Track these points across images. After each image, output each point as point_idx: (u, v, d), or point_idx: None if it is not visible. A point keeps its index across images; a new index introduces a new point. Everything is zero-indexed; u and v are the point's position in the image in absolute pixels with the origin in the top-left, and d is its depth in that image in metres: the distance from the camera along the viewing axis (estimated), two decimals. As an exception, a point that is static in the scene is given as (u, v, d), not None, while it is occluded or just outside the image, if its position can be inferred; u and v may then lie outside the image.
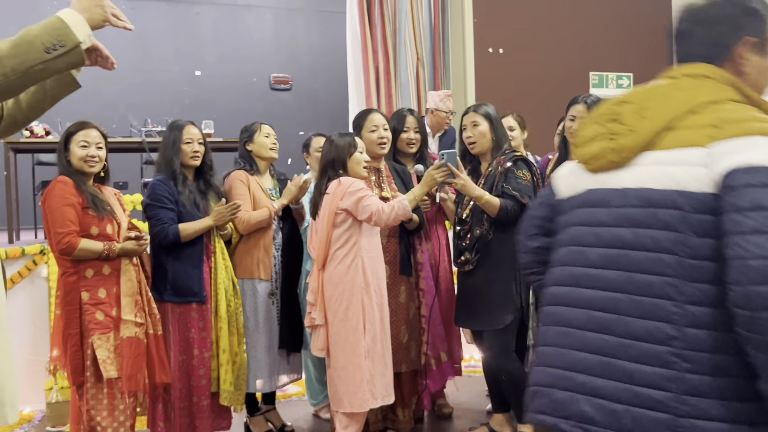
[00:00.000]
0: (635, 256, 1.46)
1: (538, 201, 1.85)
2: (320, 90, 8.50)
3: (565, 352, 1.56)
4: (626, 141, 1.53)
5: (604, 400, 1.46)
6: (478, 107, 3.72)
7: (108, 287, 3.22)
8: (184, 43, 8.23)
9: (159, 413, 3.50)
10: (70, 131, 3.30)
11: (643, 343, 1.42)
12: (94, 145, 3.28)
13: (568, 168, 1.73)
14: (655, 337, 1.40)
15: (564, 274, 1.62)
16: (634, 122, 1.54)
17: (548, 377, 1.58)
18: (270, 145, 3.90)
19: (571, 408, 1.51)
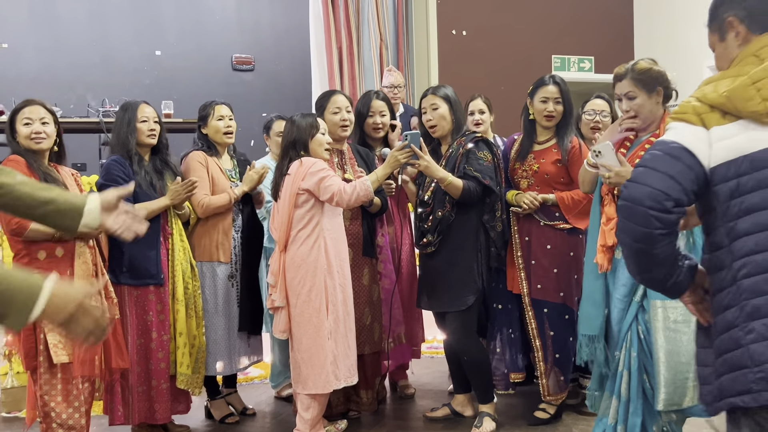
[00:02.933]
0: None
1: (672, 172, 1.61)
2: (283, 71, 8.42)
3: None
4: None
5: None
6: (436, 89, 3.71)
7: (61, 269, 3.15)
8: (144, 22, 8.07)
9: (117, 398, 3.46)
10: (14, 110, 3.23)
11: None
12: (38, 121, 3.19)
13: (723, 131, 1.62)
14: None
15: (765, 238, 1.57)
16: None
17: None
18: (224, 129, 3.83)
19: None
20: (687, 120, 1.65)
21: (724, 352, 1.60)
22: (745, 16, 1.73)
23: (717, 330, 1.64)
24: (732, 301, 1.60)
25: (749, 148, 1.60)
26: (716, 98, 1.63)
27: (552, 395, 3.68)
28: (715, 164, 1.62)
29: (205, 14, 8.34)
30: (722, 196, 1.62)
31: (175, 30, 8.19)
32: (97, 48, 7.80)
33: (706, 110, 1.64)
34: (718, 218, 1.64)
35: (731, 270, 1.61)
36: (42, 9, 7.67)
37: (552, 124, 3.65)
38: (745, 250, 1.59)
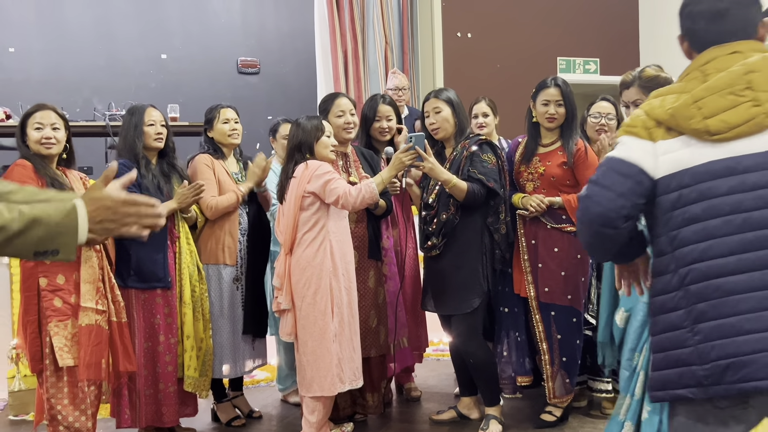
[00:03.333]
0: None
1: (622, 190, 1.74)
2: (288, 74, 8.43)
3: (761, 315, 1.62)
4: (764, 108, 1.66)
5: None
6: (439, 93, 3.71)
7: (67, 273, 3.16)
8: (150, 26, 8.09)
9: (125, 401, 3.47)
10: (26, 114, 3.24)
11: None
12: (49, 127, 3.21)
13: (666, 146, 1.73)
14: None
15: (728, 244, 1.66)
16: (762, 93, 1.67)
17: (746, 345, 1.62)
18: (229, 132, 3.84)
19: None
20: (636, 134, 1.77)
21: (667, 350, 1.75)
22: (686, 33, 1.86)
23: (658, 329, 1.78)
24: (678, 305, 1.72)
25: (691, 162, 1.70)
26: (661, 114, 1.75)
27: (558, 398, 3.67)
28: (659, 176, 1.74)
29: (210, 18, 8.37)
30: (665, 206, 1.74)
31: (181, 33, 8.22)
32: (103, 52, 7.83)
33: (652, 125, 1.76)
34: (660, 226, 1.76)
35: (677, 275, 1.72)
36: (48, 13, 7.70)
37: (554, 126, 3.65)
38: (690, 259, 1.70)
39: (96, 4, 7.87)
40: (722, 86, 1.71)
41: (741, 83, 1.69)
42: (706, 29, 1.81)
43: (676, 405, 1.78)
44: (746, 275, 1.64)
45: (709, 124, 1.68)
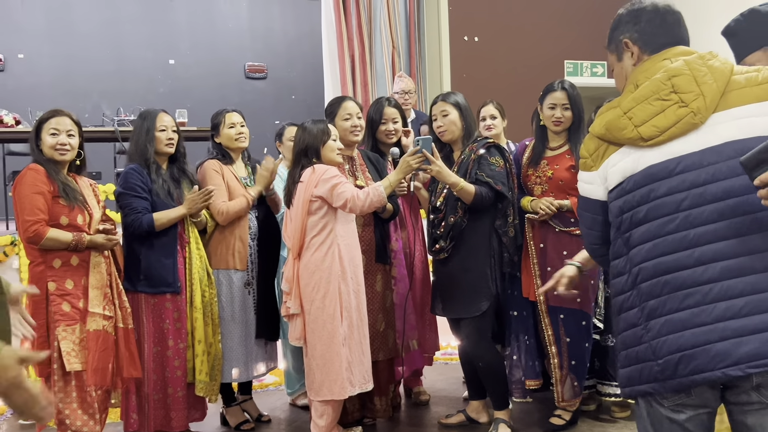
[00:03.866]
0: (753, 198, 1.65)
1: (591, 222, 1.98)
2: (296, 78, 8.45)
3: (705, 308, 1.69)
4: (699, 104, 1.73)
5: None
6: (447, 96, 3.72)
7: (76, 278, 3.18)
8: (158, 31, 8.13)
9: (132, 405, 3.48)
10: (42, 119, 3.25)
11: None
12: (64, 133, 3.23)
13: (612, 160, 1.85)
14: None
15: (671, 242, 1.74)
16: (697, 88, 1.74)
17: (694, 338, 1.69)
18: (236, 136, 3.85)
19: (737, 353, 1.65)
20: (585, 167, 1.94)
21: (628, 347, 1.83)
22: (638, 37, 1.90)
23: (620, 327, 1.87)
24: (633, 303, 1.81)
25: (633, 170, 1.81)
26: (599, 131, 1.87)
27: (567, 401, 3.66)
28: (610, 188, 1.88)
29: (218, 23, 8.40)
30: (614, 212, 1.87)
31: (189, 39, 8.25)
32: (111, 57, 7.87)
33: (594, 146, 1.90)
34: (614, 231, 1.89)
35: (630, 275, 1.82)
36: (57, 20, 7.75)
37: (561, 130, 3.64)
38: (639, 258, 1.79)
39: (104, 11, 7.92)
40: (648, 94, 1.79)
41: (665, 88, 1.77)
42: (671, 32, 1.90)
43: (638, 400, 1.88)
44: (690, 271, 1.71)
45: (642, 131, 1.78)
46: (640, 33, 1.89)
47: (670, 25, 1.88)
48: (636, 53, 1.90)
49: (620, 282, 1.85)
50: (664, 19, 1.88)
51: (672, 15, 1.89)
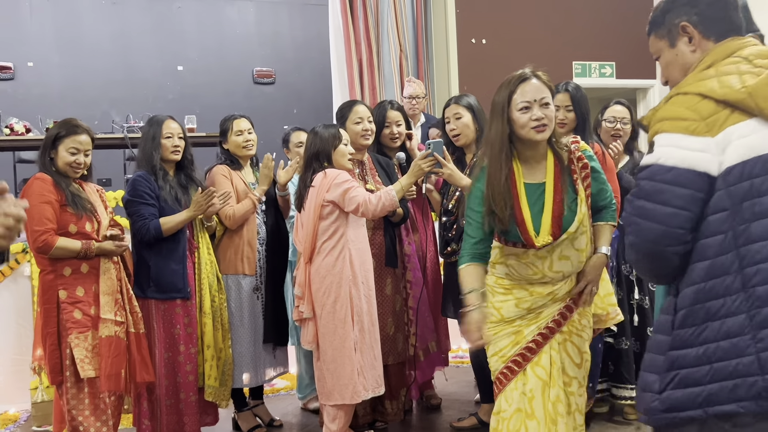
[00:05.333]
0: None
1: (688, 200, 1.58)
2: (304, 83, 8.46)
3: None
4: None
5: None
6: (459, 99, 3.71)
7: (86, 285, 3.19)
8: (166, 38, 8.16)
9: (144, 411, 3.48)
10: (59, 134, 3.23)
11: None
12: (82, 153, 3.25)
13: (738, 129, 1.56)
14: None
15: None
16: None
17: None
18: (243, 143, 3.86)
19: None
20: (684, 130, 1.59)
21: (718, 360, 1.57)
22: (699, 21, 1.73)
23: (707, 337, 1.59)
24: (738, 309, 1.56)
25: (764, 149, 1.56)
26: (733, 94, 1.57)
27: (579, 403, 3.64)
28: (727, 166, 1.57)
29: (225, 29, 8.42)
30: (735, 196, 1.56)
31: (197, 45, 8.27)
32: (120, 65, 7.90)
33: (711, 110, 1.58)
34: (722, 220, 1.57)
35: (741, 276, 1.56)
36: (66, 27, 7.78)
37: (564, 132, 3.63)
38: (759, 257, 1.55)
39: (113, 18, 7.95)
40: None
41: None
42: (727, 17, 1.73)
43: (690, 427, 1.62)
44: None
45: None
46: (701, 17, 1.72)
47: (733, 9, 1.73)
48: (697, 39, 1.73)
49: (720, 283, 1.58)
50: (727, 2, 1.73)
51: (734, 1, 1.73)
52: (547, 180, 2.53)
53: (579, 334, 2.61)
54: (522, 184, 2.51)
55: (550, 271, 2.53)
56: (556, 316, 2.58)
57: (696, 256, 1.60)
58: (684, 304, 1.62)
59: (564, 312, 2.60)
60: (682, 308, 1.62)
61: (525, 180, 2.52)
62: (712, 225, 1.58)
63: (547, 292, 2.55)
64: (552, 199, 2.50)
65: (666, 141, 1.59)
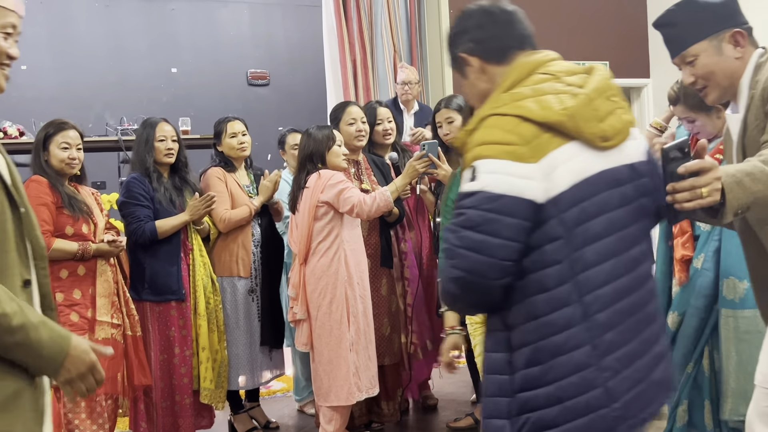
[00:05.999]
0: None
1: (514, 230, 1.47)
2: (298, 84, 8.45)
3: (649, 333, 1.57)
4: (630, 116, 1.60)
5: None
6: (449, 102, 3.70)
7: (83, 288, 3.19)
8: (160, 40, 8.14)
9: (141, 413, 3.48)
10: (48, 132, 3.25)
11: None
12: (74, 147, 3.25)
13: (561, 154, 1.50)
14: None
15: (627, 260, 1.54)
16: (622, 101, 1.61)
17: (646, 368, 1.55)
18: (237, 146, 3.86)
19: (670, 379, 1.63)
20: (503, 155, 1.47)
21: (568, 398, 1.49)
22: (475, 47, 1.66)
23: (552, 376, 1.50)
24: (582, 341, 1.49)
25: (586, 171, 1.51)
26: (554, 116, 1.50)
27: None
28: (556, 193, 1.49)
29: (219, 30, 8.41)
30: (568, 224, 1.49)
31: (191, 47, 8.26)
32: (114, 67, 7.88)
33: (533, 133, 1.49)
34: (555, 248, 1.49)
35: (581, 305, 1.49)
36: (59, 30, 7.76)
37: None
38: (596, 283, 1.50)
39: (106, 21, 7.93)
40: (602, 89, 1.57)
41: (610, 89, 1.59)
42: (502, 35, 1.66)
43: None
44: (637, 294, 1.55)
45: (604, 128, 1.53)
46: (475, 43, 1.65)
47: (506, 24, 1.67)
48: (478, 65, 1.66)
49: (563, 315, 1.49)
50: (496, 20, 1.67)
51: (504, 14, 1.67)
52: None
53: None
54: None
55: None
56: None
57: (536, 288, 1.50)
58: (528, 340, 1.52)
59: None
60: (526, 344, 1.53)
61: None
62: (548, 254, 1.50)
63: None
64: None
65: (491, 167, 1.47)
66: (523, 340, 1.52)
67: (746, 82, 1.90)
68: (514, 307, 1.53)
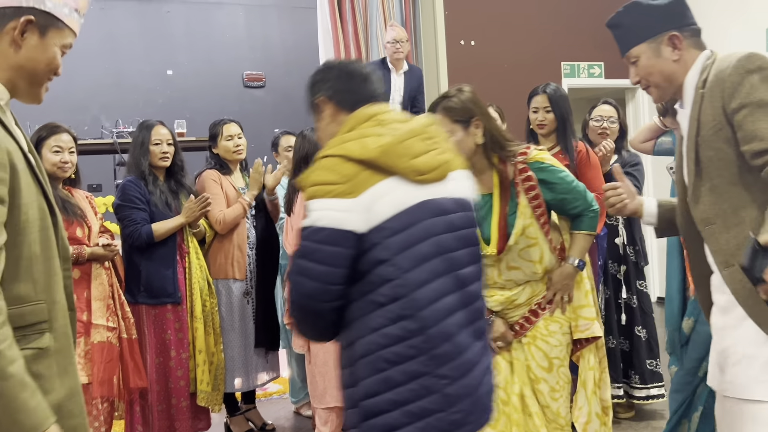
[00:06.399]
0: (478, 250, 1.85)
1: (339, 258, 1.67)
2: (294, 86, 8.44)
3: (472, 348, 1.75)
4: (447, 156, 1.80)
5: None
6: None
7: (78, 291, 3.18)
8: (155, 43, 8.14)
9: (137, 416, 3.48)
10: (41, 136, 3.24)
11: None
12: (66, 151, 3.24)
13: (380, 189, 1.69)
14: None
15: (451, 281, 1.73)
16: (444, 143, 1.82)
17: (478, 377, 1.76)
18: (233, 148, 3.87)
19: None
20: (326, 194, 1.67)
21: (408, 402, 1.66)
22: (332, 95, 1.88)
23: (398, 382, 1.66)
24: (420, 350, 1.66)
25: (406, 202, 1.70)
26: (369, 154, 1.69)
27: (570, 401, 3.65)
28: (379, 222, 1.68)
29: (215, 32, 8.41)
30: (393, 249, 1.67)
31: (186, 49, 8.26)
32: (109, 69, 7.88)
33: (353, 171, 1.68)
34: (389, 272, 1.67)
35: (416, 319, 1.66)
36: (55, 33, 7.75)
37: (545, 133, 3.65)
38: (427, 298, 1.68)
39: (102, 23, 7.93)
40: (416, 131, 1.76)
41: (426, 132, 1.79)
42: (358, 89, 1.87)
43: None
44: (461, 313, 1.74)
45: (417, 164, 1.72)
46: (333, 90, 1.89)
47: (361, 81, 1.88)
48: (332, 111, 1.89)
49: (400, 328, 1.66)
50: (353, 76, 1.89)
51: (361, 73, 1.89)
52: (494, 191, 2.57)
53: (545, 339, 2.62)
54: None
55: (499, 278, 2.61)
56: (521, 320, 2.63)
57: (373, 306, 1.68)
58: (369, 351, 1.69)
59: (528, 317, 2.63)
60: (367, 355, 1.69)
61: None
62: (379, 276, 1.68)
63: (504, 297, 2.60)
64: (498, 210, 2.56)
65: (317, 206, 1.69)
66: (364, 351, 1.70)
67: (692, 82, 1.95)
68: (355, 324, 1.71)
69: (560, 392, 2.62)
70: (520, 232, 2.53)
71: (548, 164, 2.59)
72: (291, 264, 1.78)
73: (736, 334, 1.90)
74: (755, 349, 1.85)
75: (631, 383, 3.91)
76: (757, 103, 1.79)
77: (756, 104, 1.79)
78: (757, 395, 1.84)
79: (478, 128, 2.53)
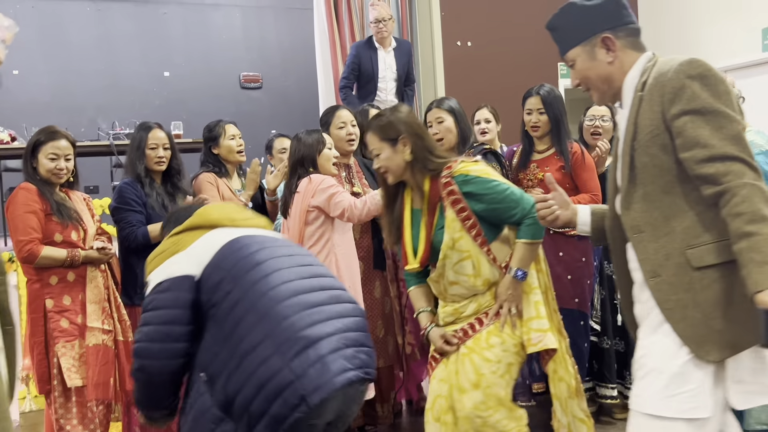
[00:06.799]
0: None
1: (178, 309, 2.17)
2: (291, 87, 8.46)
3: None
4: (260, 222, 2.48)
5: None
6: (441, 103, 3.71)
7: (73, 294, 3.18)
8: (152, 44, 8.14)
9: (134, 419, 3.47)
10: (38, 140, 3.23)
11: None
12: (63, 158, 3.23)
13: (202, 239, 2.27)
14: None
15: (294, 302, 2.08)
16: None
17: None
18: (237, 148, 3.87)
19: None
20: (165, 257, 2.28)
21: (265, 383, 1.96)
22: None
23: (256, 372, 2.01)
24: (276, 352, 1.98)
25: (223, 240, 2.23)
26: (192, 222, 2.33)
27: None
28: (208, 260, 2.18)
29: (212, 34, 8.41)
30: (235, 277, 2.12)
31: (183, 51, 8.26)
32: (106, 71, 7.88)
33: (180, 236, 2.33)
34: (235, 297, 2.11)
35: (263, 324, 2.04)
36: (52, 35, 7.76)
37: (539, 134, 3.66)
38: (274, 314, 2.06)
39: (98, 25, 7.93)
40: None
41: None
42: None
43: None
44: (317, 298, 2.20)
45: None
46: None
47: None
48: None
49: (254, 338, 2.03)
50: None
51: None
52: (423, 207, 2.61)
53: (481, 353, 2.55)
54: (409, 209, 2.69)
55: (446, 293, 2.64)
56: (465, 326, 2.62)
57: (230, 326, 2.06)
58: (218, 362, 2.09)
59: (473, 324, 2.61)
60: (207, 369, 2.11)
61: (413, 206, 2.68)
62: (227, 301, 2.08)
63: (452, 309, 2.63)
64: (424, 225, 2.60)
65: (154, 275, 2.22)
66: (209, 363, 2.10)
67: (631, 84, 1.92)
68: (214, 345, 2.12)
69: (485, 410, 2.52)
70: (450, 245, 2.54)
71: (474, 176, 2.55)
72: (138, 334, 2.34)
73: (646, 344, 1.89)
74: (663, 363, 1.81)
75: (625, 383, 3.92)
76: (698, 110, 1.75)
77: (697, 111, 1.75)
78: (660, 411, 1.79)
79: (406, 146, 2.59)
